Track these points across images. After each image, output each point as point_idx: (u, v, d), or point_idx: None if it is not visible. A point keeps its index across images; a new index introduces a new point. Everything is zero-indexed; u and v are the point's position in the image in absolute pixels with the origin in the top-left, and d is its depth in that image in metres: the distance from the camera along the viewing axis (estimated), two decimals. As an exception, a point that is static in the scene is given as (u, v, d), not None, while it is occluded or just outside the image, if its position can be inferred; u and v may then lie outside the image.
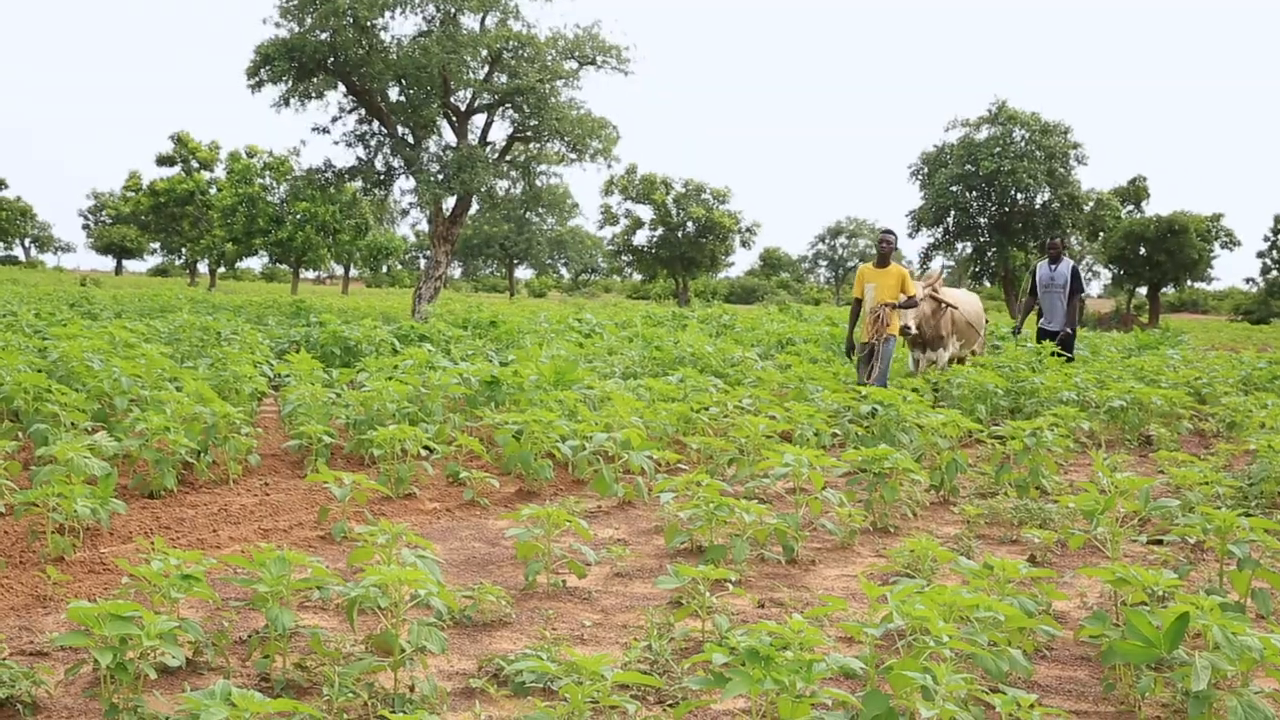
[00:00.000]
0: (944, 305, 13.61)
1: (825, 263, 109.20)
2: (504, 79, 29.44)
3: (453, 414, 10.63)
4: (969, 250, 49.92)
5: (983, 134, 47.73)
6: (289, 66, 28.79)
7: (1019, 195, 46.99)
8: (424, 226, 33.47)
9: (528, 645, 4.91)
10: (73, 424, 8.65)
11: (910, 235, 49.69)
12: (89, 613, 3.93)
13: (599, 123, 30.10)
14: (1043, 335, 15.00)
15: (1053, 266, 14.82)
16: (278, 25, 29.53)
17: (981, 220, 48.31)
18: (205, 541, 6.86)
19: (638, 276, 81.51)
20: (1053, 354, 14.15)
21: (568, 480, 9.12)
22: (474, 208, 32.12)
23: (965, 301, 14.60)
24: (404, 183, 31.31)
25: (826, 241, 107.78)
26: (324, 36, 28.66)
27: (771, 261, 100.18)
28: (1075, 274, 14.73)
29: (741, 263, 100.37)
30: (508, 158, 31.14)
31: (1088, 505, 6.10)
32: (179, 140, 66.85)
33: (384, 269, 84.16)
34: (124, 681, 4.01)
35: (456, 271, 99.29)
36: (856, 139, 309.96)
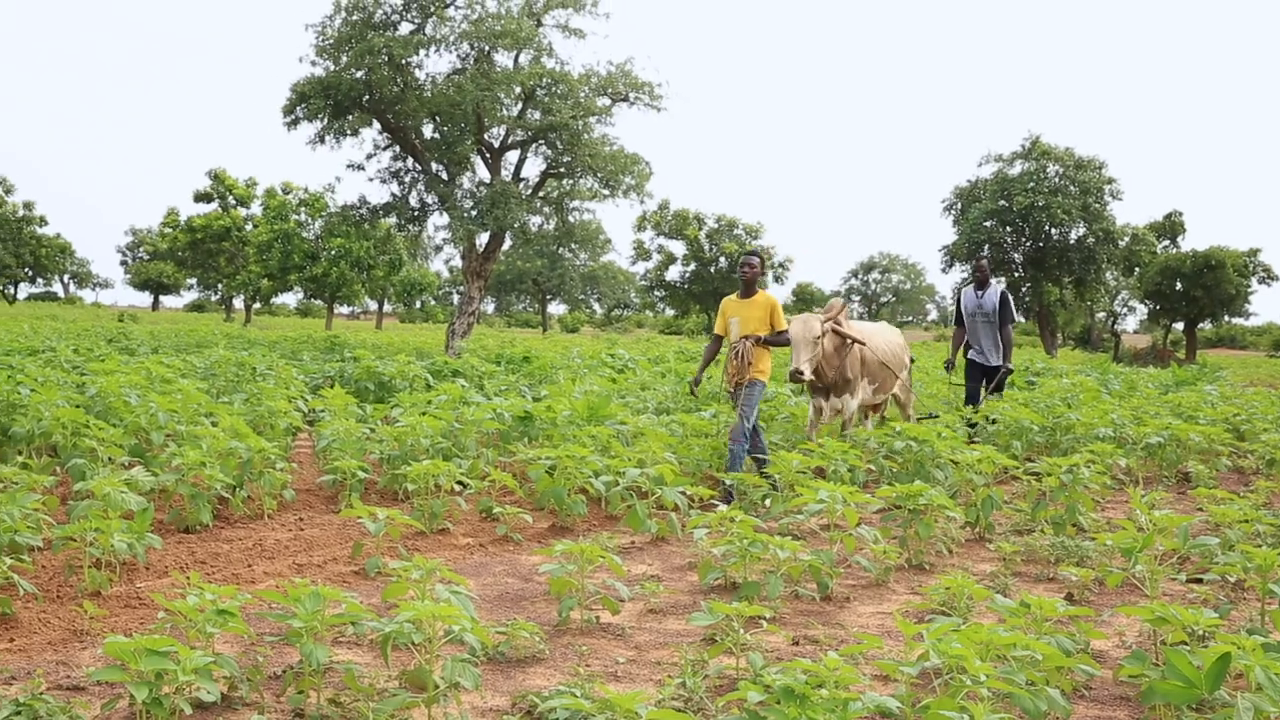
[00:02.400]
0: (849, 341, 11.19)
1: (858, 298, 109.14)
2: (537, 116, 29.60)
3: (486, 449, 10.65)
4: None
5: (1016, 169, 47.73)
6: (325, 104, 29.07)
7: (1053, 230, 46.93)
8: (457, 262, 33.70)
9: (561, 682, 4.90)
10: (110, 459, 8.71)
11: (944, 270, 49.70)
12: (125, 647, 3.94)
13: (632, 159, 30.21)
14: (973, 370, 13.06)
15: (979, 292, 12.93)
16: (314, 64, 29.86)
17: (1015, 256, 48.24)
18: (240, 576, 6.88)
19: (670, 312, 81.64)
20: (991, 392, 12.83)
21: (601, 516, 9.10)
22: (507, 243, 32.26)
23: (879, 336, 12.13)
24: (438, 219, 31.54)
25: (859, 276, 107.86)
26: (359, 75, 28.93)
27: (804, 296, 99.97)
28: (1004, 300, 12.84)
29: (775, 298, 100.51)
30: (541, 194, 31.28)
31: (1126, 543, 6.04)
32: (216, 177, 67.50)
33: (418, 304, 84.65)
34: (159, 717, 4.02)
35: (490, 307, 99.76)
36: (889, 174, 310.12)
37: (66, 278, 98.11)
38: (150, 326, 43.24)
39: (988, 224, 47.01)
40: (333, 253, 60.22)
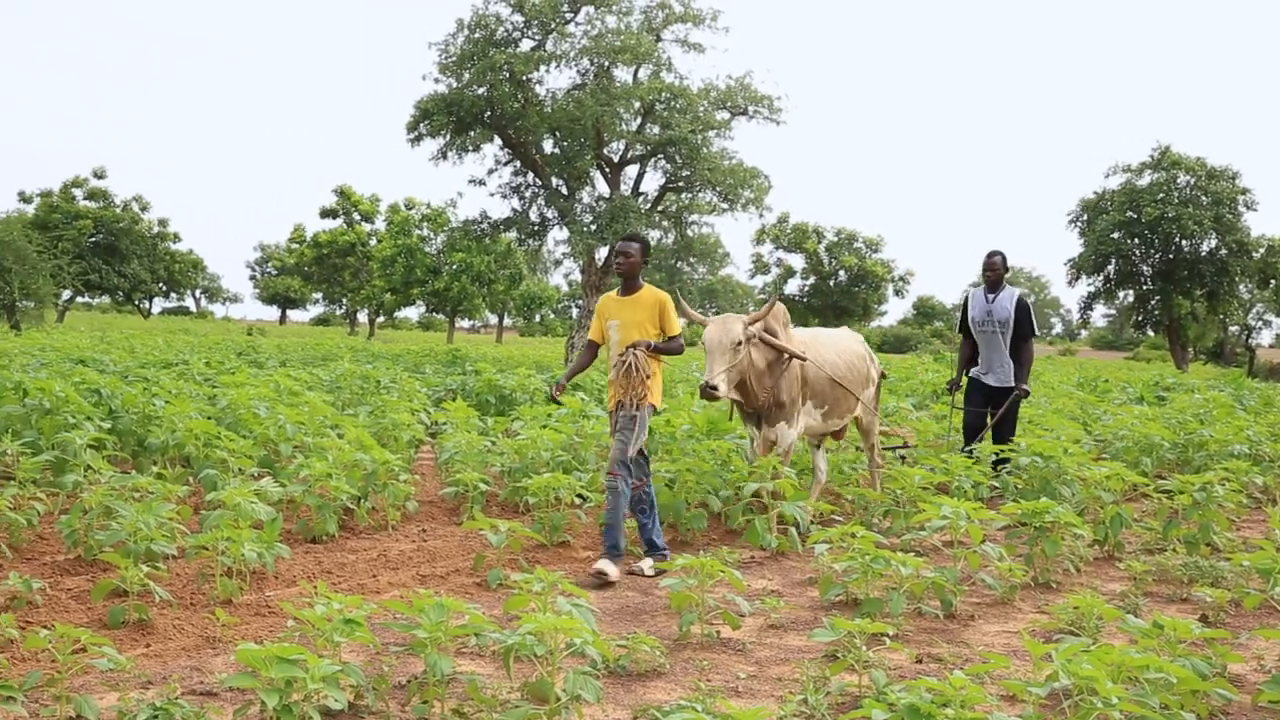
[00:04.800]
0: (784, 355, 8.87)
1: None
2: (656, 130, 29.72)
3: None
4: (1131, 298, 48.73)
5: (1145, 179, 46.67)
6: (447, 121, 29.51)
7: (1184, 242, 45.79)
8: (577, 276, 33.92)
9: (682, 696, 4.88)
10: (240, 470, 8.91)
11: (1070, 283, 48.72)
12: (257, 655, 4.03)
13: (751, 172, 30.16)
14: (976, 392, 10.74)
15: (990, 296, 10.60)
16: (437, 81, 30.32)
17: (1144, 268, 47.18)
18: (365, 586, 6.99)
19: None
20: (996, 419, 10.50)
21: (720, 530, 9.08)
22: (626, 257, 32.36)
23: (830, 347, 9.68)
24: (558, 233, 31.78)
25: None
26: (481, 91, 29.31)
27: (925, 310, 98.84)
28: (1023, 308, 10.52)
29: (894, 311, 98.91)
30: (660, 208, 31.38)
31: (1263, 563, 5.87)
32: (342, 193, 68.90)
33: (537, 318, 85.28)
34: (289, 723, 4.10)
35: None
36: (1013, 185, 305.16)
37: (198, 292, 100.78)
38: (278, 340, 44.24)
39: (1115, 236, 46.02)
40: (454, 267, 61.00)
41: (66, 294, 61.78)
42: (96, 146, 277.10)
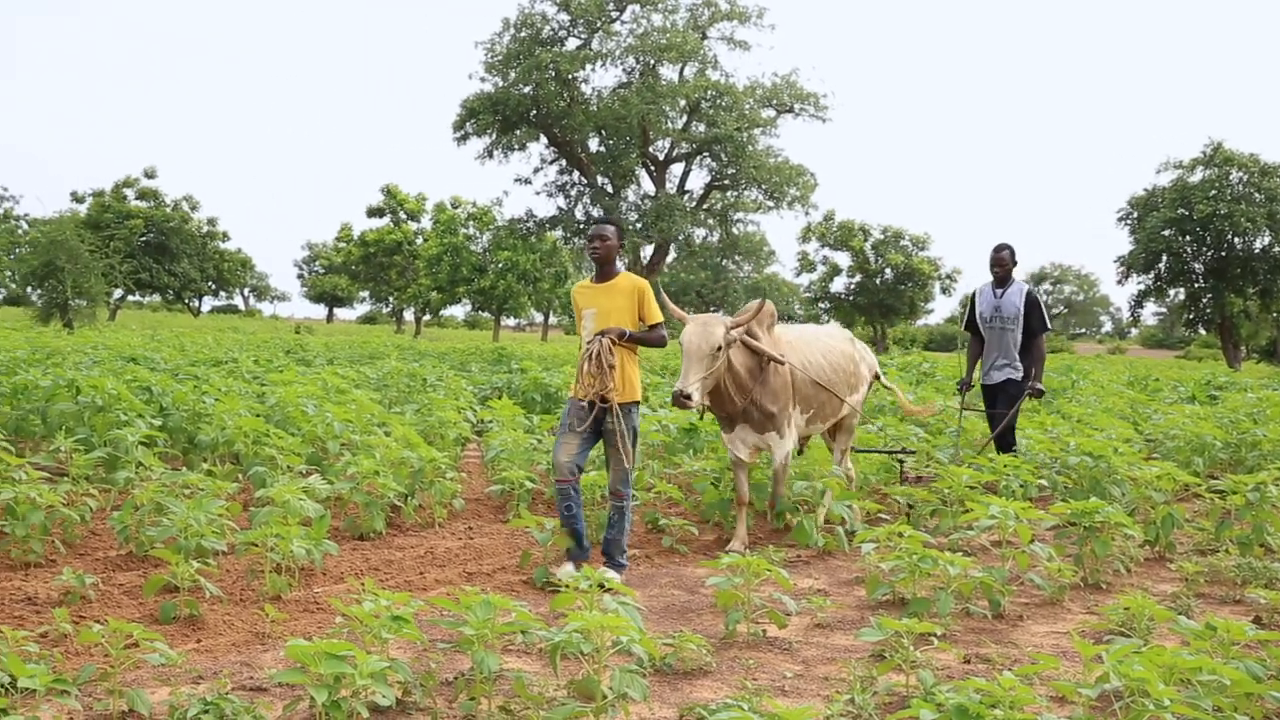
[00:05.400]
0: (766, 358, 8.22)
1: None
2: (702, 128, 29.73)
3: (651, 461, 10.69)
4: (1182, 296, 48.24)
5: (1197, 176, 46.19)
6: (493, 120, 29.65)
7: (1236, 240, 45.26)
8: (622, 274, 33.94)
9: (729, 695, 4.87)
10: (289, 467, 8.98)
11: (1119, 282, 48.27)
12: (306, 651, 4.05)
13: (797, 170, 30.14)
14: (989, 393, 10.28)
15: (998, 291, 10.13)
16: (483, 80, 30.50)
17: (1196, 266, 46.66)
18: (412, 583, 7.03)
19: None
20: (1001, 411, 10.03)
21: (766, 529, 9.06)
22: (671, 255, 32.46)
23: (814, 345, 9.04)
24: (604, 231, 31.81)
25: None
26: (527, 90, 29.43)
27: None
28: (1033, 303, 10.04)
29: (941, 309, 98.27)
30: (705, 206, 31.40)
31: (1318, 565, 5.78)
32: (388, 192, 69.34)
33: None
34: (338, 719, 4.12)
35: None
36: (1061, 182, 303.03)
37: (247, 291, 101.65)
38: (325, 338, 44.52)
39: (1166, 233, 45.58)
40: (500, 266, 61.27)
41: (118, 293, 62.49)
42: (147, 146, 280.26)
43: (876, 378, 9.86)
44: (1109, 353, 76.97)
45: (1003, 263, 10.12)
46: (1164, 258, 46.16)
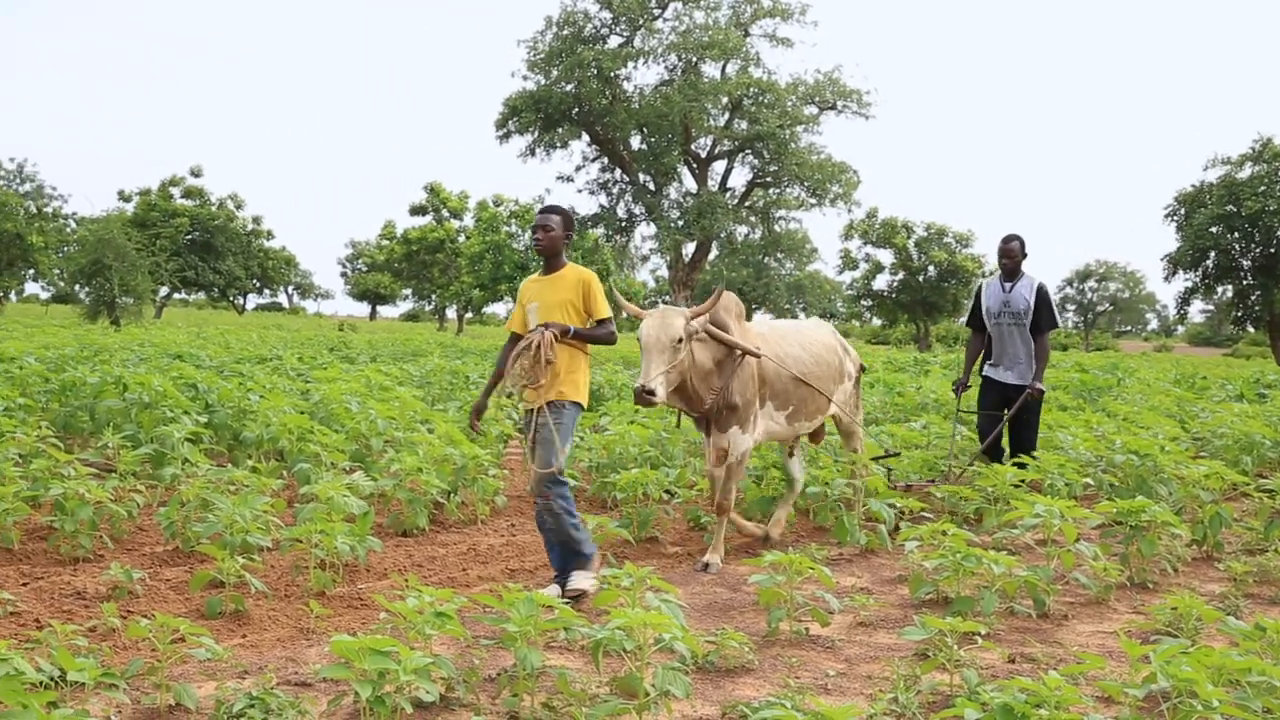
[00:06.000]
0: (737, 352, 7.66)
1: (1073, 307, 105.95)
2: (744, 125, 29.70)
3: (694, 458, 10.68)
4: (1229, 294, 47.72)
5: (1246, 172, 45.63)
6: (536, 117, 29.73)
7: (1285, 236, 44.68)
8: (664, 272, 34.05)
9: (771, 693, 4.87)
10: (333, 464, 9.03)
11: (1166, 279, 47.76)
12: (350, 646, 4.08)
13: (839, 167, 30.04)
14: (991, 392, 9.74)
15: (1006, 284, 9.60)
16: (525, 78, 30.57)
17: (1244, 262, 46.09)
18: (455, 580, 7.05)
19: (877, 321, 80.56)
20: (1008, 418, 9.41)
21: (809, 526, 9.03)
22: (713, 253, 32.45)
23: (793, 339, 8.43)
24: (645, 229, 31.94)
25: (1074, 285, 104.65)
26: (569, 88, 29.49)
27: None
28: (1043, 297, 9.47)
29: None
30: (747, 203, 31.34)
31: (1370, 565, 5.71)
32: (431, 190, 69.60)
33: (624, 315, 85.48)
34: (382, 715, 4.14)
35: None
36: (1106, 179, 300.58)
37: (291, 289, 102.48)
38: (368, 336, 44.80)
39: (1213, 230, 45.04)
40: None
41: (164, 290, 63.07)
42: (193, 145, 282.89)
43: (863, 370, 9.42)
44: (1155, 350, 76.32)
45: (1012, 254, 9.56)
46: (1211, 254, 45.63)
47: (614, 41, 30.27)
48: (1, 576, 6.59)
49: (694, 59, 29.52)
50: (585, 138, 31.17)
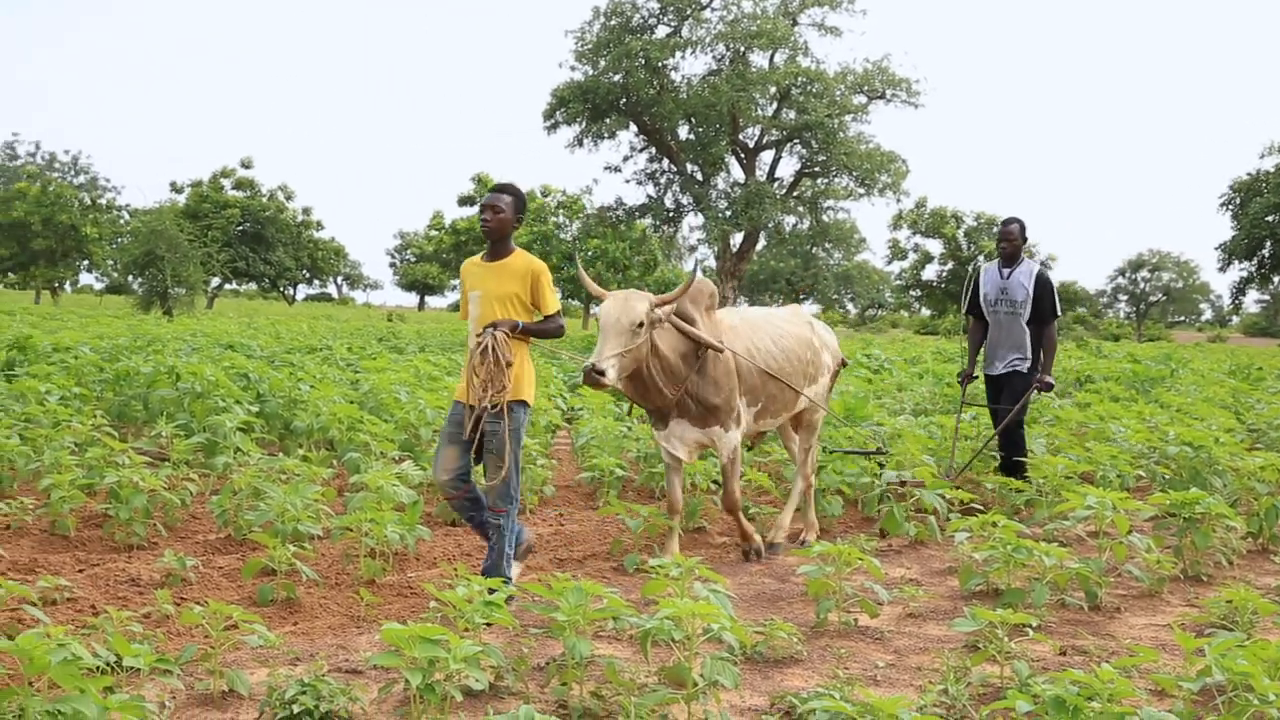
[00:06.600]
0: (704, 345, 7.08)
1: (1125, 297, 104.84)
2: (792, 115, 29.57)
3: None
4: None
5: (1302, 160, 44.97)
6: (583, 108, 29.73)
7: (1342, 225, 44.04)
8: (711, 262, 34.00)
9: (820, 684, 4.85)
10: (382, 453, 9.09)
11: (1220, 269, 47.18)
12: (401, 634, 4.10)
13: (888, 156, 29.87)
14: (992, 385, 9.29)
15: (1005, 270, 9.11)
16: (573, 69, 30.58)
17: (1299, 251, 45.47)
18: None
19: (927, 312, 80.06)
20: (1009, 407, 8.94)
21: (857, 518, 9.00)
22: (761, 243, 32.37)
23: (763, 333, 7.77)
24: (692, 219, 31.90)
25: (1127, 275, 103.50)
26: (617, 78, 29.47)
27: (1067, 296, 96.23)
28: (1044, 284, 8.98)
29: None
30: (795, 193, 31.22)
31: None
32: (479, 181, 69.74)
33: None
34: (432, 702, 4.17)
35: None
36: (1159, 167, 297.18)
37: (340, 279, 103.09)
38: (416, 326, 45.04)
39: (1269, 219, 44.45)
40: (589, 254, 61.43)
41: (215, 281, 63.58)
42: (244, 137, 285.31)
43: (844, 364, 8.93)
44: (1209, 341, 75.36)
45: (1011, 237, 9.07)
46: (1267, 244, 45.04)
47: (662, 31, 30.23)
48: (59, 563, 6.68)
49: (742, 48, 29.44)
50: (633, 128, 31.16)
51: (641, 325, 6.61)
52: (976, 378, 9.45)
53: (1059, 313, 9.17)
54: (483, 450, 6.19)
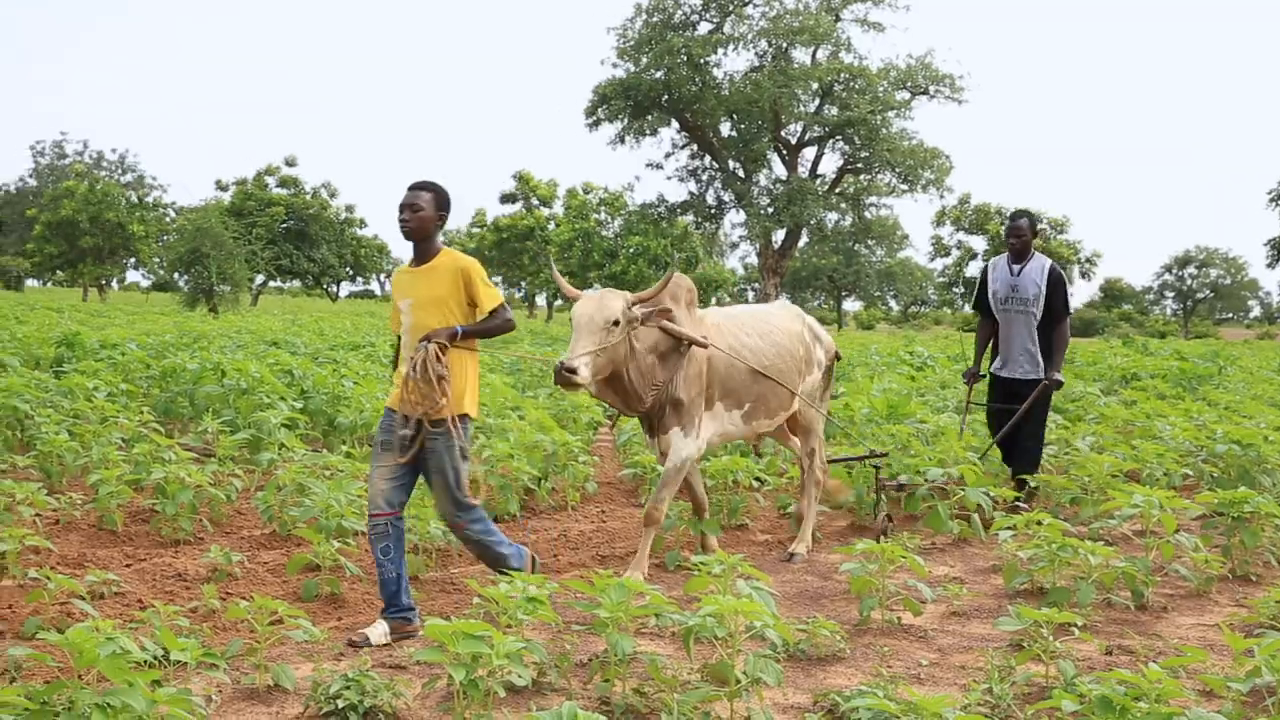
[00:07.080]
0: (683, 342, 6.73)
1: (1172, 294, 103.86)
2: (835, 111, 29.50)
3: (783, 445, 10.63)
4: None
5: (1352, 155, 44.42)
6: (625, 105, 29.78)
7: (1394, 220, 43.47)
8: (753, 259, 33.97)
9: (863, 682, 4.83)
10: (425, 449, 9.11)
11: (1269, 265, 46.66)
12: (444, 630, 4.12)
13: (931, 153, 29.75)
14: (1001, 390, 8.87)
15: (1015, 266, 8.76)
16: (615, 66, 30.64)
17: (1349, 248, 44.91)
18: (547, 566, 7.07)
19: (969, 309, 79.71)
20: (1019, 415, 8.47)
21: (900, 515, 8.95)
22: (803, 240, 32.28)
23: (748, 329, 7.37)
24: (734, 216, 31.90)
25: (1174, 272, 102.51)
26: (659, 75, 29.49)
27: (1113, 293, 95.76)
28: (1056, 281, 8.63)
29: (1080, 294, 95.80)
30: (837, 190, 31.13)
31: None
32: (521, 178, 69.94)
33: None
34: (475, 698, 4.18)
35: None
36: (1207, 161, 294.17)
37: (383, 276, 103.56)
38: (459, 323, 45.15)
39: (1319, 215, 43.93)
40: (631, 250, 61.39)
41: (260, 278, 64.08)
42: (288, 135, 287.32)
43: (838, 357, 8.31)
44: (1258, 338, 74.50)
45: (1020, 232, 8.74)
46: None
47: (704, 28, 30.22)
48: (106, 558, 6.75)
49: (784, 45, 29.39)
50: (675, 125, 31.17)
51: (617, 323, 6.30)
52: (984, 377, 9.15)
53: (1069, 310, 8.86)
54: (427, 469, 5.69)
